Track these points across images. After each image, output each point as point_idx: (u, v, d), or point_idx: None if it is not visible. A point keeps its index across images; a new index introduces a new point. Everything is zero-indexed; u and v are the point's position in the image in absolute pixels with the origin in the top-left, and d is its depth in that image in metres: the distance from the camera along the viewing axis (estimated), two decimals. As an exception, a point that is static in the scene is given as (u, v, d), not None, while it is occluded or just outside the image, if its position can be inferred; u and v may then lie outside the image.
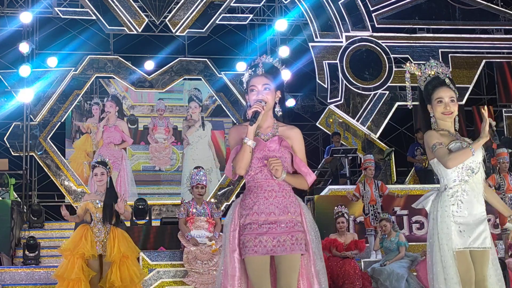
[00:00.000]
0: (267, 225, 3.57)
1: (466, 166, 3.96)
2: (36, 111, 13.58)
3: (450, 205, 3.95)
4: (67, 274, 6.54)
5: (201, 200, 8.28)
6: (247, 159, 3.60)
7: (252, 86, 3.71)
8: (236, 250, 3.59)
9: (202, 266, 7.90)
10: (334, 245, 8.62)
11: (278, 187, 3.64)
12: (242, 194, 3.75)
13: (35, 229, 11.46)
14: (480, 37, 14.78)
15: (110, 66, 14.20)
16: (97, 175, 6.81)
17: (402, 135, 14.68)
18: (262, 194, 3.62)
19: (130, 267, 6.70)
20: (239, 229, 3.62)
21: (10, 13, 13.80)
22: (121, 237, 6.71)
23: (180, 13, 13.99)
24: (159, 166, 14.27)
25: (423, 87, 4.14)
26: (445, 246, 3.92)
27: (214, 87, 14.43)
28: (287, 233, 3.57)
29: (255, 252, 3.53)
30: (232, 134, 3.76)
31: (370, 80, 14.25)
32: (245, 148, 3.58)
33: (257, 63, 3.77)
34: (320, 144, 14.94)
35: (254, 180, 3.66)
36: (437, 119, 4.07)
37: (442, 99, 4.02)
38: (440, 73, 4.11)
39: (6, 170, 11.86)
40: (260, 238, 3.55)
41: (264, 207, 3.60)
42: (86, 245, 6.55)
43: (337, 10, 14.27)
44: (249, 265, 3.55)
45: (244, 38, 14.88)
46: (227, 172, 3.74)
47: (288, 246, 3.55)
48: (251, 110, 3.61)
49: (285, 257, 3.55)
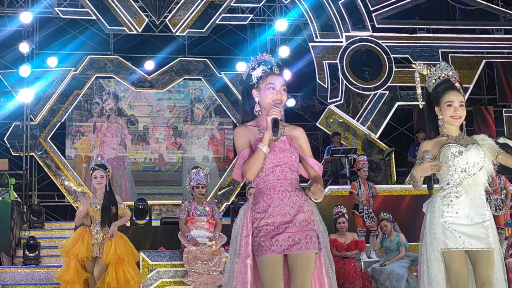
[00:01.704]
0: (283, 225, 3.53)
1: (459, 169, 3.96)
2: (36, 111, 13.58)
3: (441, 205, 3.97)
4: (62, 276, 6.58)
5: (202, 200, 8.28)
6: (259, 165, 3.54)
7: (271, 84, 3.63)
8: (249, 256, 3.52)
9: (202, 266, 7.89)
10: (334, 245, 8.61)
11: (291, 187, 3.61)
12: (253, 197, 3.66)
13: (35, 229, 11.46)
14: (480, 37, 14.78)
15: (110, 66, 14.20)
16: (96, 178, 6.80)
17: (402, 135, 14.68)
18: (276, 195, 3.57)
19: (126, 269, 6.70)
20: (252, 233, 3.56)
21: (10, 13, 13.79)
22: (119, 239, 6.73)
23: (180, 13, 13.99)
24: (159, 166, 14.28)
25: (431, 89, 4.12)
26: (430, 246, 3.96)
27: (214, 87, 14.43)
28: (302, 231, 3.54)
29: (272, 252, 3.48)
30: (240, 135, 3.66)
31: (370, 80, 14.25)
32: (259, 154, 3.52)
33: (269, 61, 3.70)
34: (320, 144, 14.93)
35: (265, 181, 3.60)
36: (445, 122, 4.06)
37: (452, 102, 4.01)
38: (450, 77, 4.10)
39: (6, 170, 11.86)
40: (277, 237, 3.50)
41: (279, 208, 3.56)
42: (81, 246, 6.58)
43: (337, 10, 14.27)
44: (263, 265, 3.49)
45: (244, 38, 14.87)
46: (235, 176, 3.65)
47: (303, 245, 3.52)
48: (270, 117, 3.52)
49: (300, 256, 3.52)
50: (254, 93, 3.68)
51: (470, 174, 3.96)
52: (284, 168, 3.60)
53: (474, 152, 3.96)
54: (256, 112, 3.67)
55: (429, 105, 4.16)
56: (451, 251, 3.90)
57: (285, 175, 3.60)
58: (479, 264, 3.91)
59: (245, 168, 3.55)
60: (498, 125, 14.42)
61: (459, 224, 3.92)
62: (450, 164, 3.96)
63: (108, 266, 6.65)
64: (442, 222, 3.94)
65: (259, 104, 3.66)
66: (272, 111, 3.54)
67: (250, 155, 3.56)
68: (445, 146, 3.98)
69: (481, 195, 3.99)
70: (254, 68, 3.70)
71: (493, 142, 4.09)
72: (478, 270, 3.92)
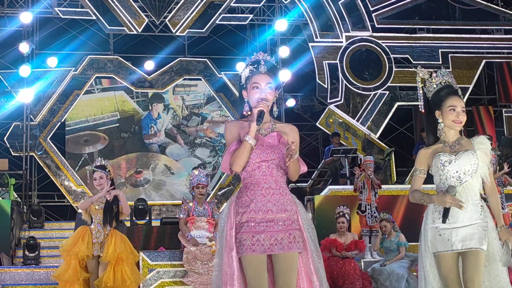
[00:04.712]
0: (265, 223, 3.52)
1: (450, 176, 4.00)
2: (36, 111, 13.58)
3: (433, 212, 4.04)
4: (62, 275, 6.59)
5: (202, 200, 8.28)
6: (246, 157, 3.54)
7: (255, 83, 3.63)
8: (234, 248, 3.52)
9: (202, 267, 7.89)
10: (334, 245, 8.62)
11: (275, 185, 3.59)
12: (238, 191, 3.68)
13: (35, 229, 11.46)
14: (480, 37, 14.78)
15: (110, 66, 14.21)
16: (96, 180, 6.82)
17: (402, 135, 14.68)
18: (260, 192, 3.56)
19: (124, 268, 6.71)
20: (235, 227, 3.56)
21: (10, 13, 13.80)
22: (119, 239, 6.75)
23: (180, 13, 13.99)
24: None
25: (432, 93, 4.16)
26: (425, 252, 4.06)
27: (214, 87, 14.44)
28: (285, 231, 3.52)
29: (253, 251, 3.48)
30: (230, 128, 3.66)
31: (370, 80, 14.25)
32: (245, 145, 3.52)
33: (258, 60, 3.70)
34: (320, 144, 14.94)
35: (251, 176, 3.60)
36: (445, 126, 4.09)
37: (455, 107, 4.05)
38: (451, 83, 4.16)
39: (6, 170, 11.87)
40: (258, 236, 3.49)
41: (262, 204, 3.54)
42: (81, 245, 6.59)
43: (337, 10, 14.27)
44: (246, 264, 3.49)
45: (244, 38, 14.88)
46: (223, 169, 3.65)
47: (286, 244, 3.51)
48: (257, 109, 3.54)
49: (283, 256, 3.51)
50: (244, 94, 3.70)
51: (461, 182, 3.99)
52: (270, 164, 3.59)
53: (465, 160, 3.99)
54: (245, 113, 3.68)
55: (428, 110, 4.20)
56: (440, 254, 3.98)
57: (270, 172, 3.58)
58: (464, 265, 3.96)
59: (232, 160, 3.55)
60: (498, 125, 14.43)
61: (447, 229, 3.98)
62: (441, 173, 4.03)
63: (108, 265, 6.66)
64: (433, 228, 4.02)
65: (248, 104, 3.67)
66: (260, 103, 3.56)
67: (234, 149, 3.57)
68: (436, 156, 4.05)
69: (475, 201, 4.01)
70: (244, 69, 3.73)
71: (490, 145, 4.12)
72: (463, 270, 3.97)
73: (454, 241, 3.94)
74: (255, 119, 3.52)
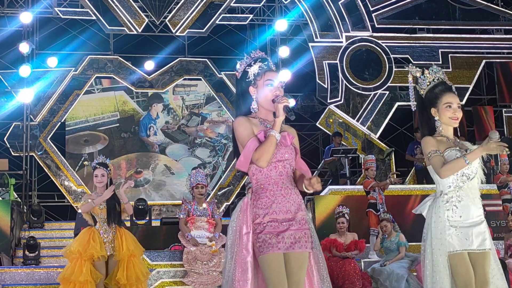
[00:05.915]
0: (286, 223, 3.53)
1: (461, 173, 3.98)
2: (36, 111, 13.58)
3: (445, 211, 3.98)
4: (75, 277, 6.47)
5: (202, 200, 8.28)
6: (271, 152, 3.50)
7: (269, 80, 3.62)
8: (250, 253, 3.49)
9: (202, 267, 7.90)
10: (334, 245, 8.62)
11: (291, 184, 3.60)
12: (252, 194, 3.61)
13: (35, 229, 11.45)
14: (480, 37, 14.78)
15: (110, 66, 14.21)
16: (97, 176, 6.79)
17: (402, 135, 14.67)
18: (279, 192, 3.55)
19: (137, 265, 6.71)
20: (255, 229, 3.52)
21: (10, 13, 13.79)
22: (128, 236, 6.74)
23: (180, 13, 13.99)
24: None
25: (426, 90, 4.13)
26: (437, 251, 3.94)
27: (214, 87, 14.44)
28: (301, 230, 3.56)
29: (279, 249, 3.47)
30: (245, 124, 3.58)
31: (370, 80, 14.25)
32: (272, 140, 3.48)
33: (264, 57, 3.70)
34: (320, 144, 14.94)
35: (267, 177, 3.56)
36: (442, 123, 4.07)
37: (452, 104, 4.04)
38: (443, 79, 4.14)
39: (6, 170, 11.86)
40: (282, 235, 3.50)
41: (282, 205, 3.54)
42: (95, 246, 6.51)
43: (337, 10, 14.27)
44: (269, 263, 3.46)
45: (244, 38, 14.88)
46: (240, 165, 3.57)
47: (303, 243, 3.54)
48: (281, 104, 3.51)
49: (298, 254, 3.53)
50: (251, 90, 3.65)
51: (469, 178, 3.99)
52: (285, 164, 3.60)
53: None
54: (252, 110, 3.65)
55: (421, 107, 4.16)
56: (458, 253, 3.91)
57: (286, 172, 3.59)
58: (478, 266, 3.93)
59: (258, 155, 3.48)
60: (498, 125, 14.41)
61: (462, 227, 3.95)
62: None
63: (119, 263, 6.64)
64: (449, 227, 3.95)
65: (256, 101, 3.65)
66: (282, 99, 3.54)
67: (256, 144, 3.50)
68: (451, 149, 3.99)
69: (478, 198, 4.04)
70: (250, 65, 3.68)
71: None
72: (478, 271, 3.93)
73: (469, 241, 3.92)
74: (280, 115, 3.51)
